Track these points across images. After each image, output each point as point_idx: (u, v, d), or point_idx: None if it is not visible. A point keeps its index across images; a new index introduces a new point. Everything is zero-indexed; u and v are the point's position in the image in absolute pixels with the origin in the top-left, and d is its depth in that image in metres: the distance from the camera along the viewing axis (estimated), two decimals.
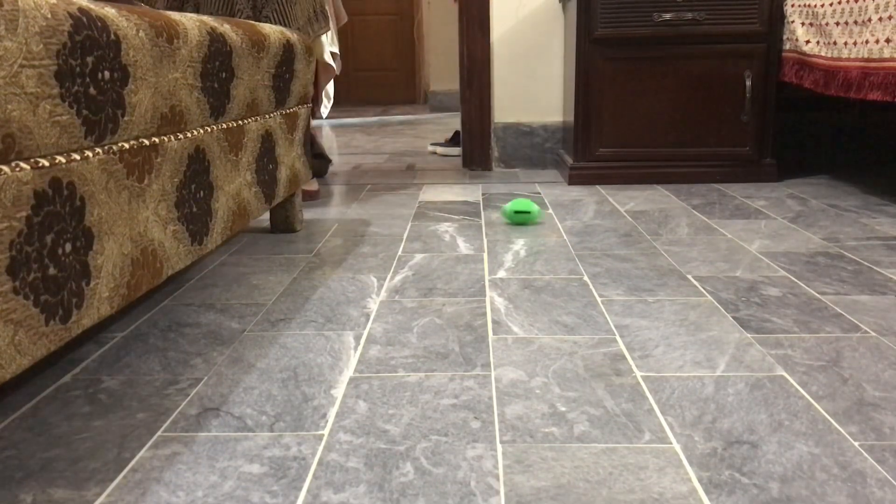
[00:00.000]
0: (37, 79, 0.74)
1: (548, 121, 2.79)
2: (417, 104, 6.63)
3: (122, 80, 0.91)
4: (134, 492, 0.73)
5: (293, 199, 1.79)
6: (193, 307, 1.27)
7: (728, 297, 1.27)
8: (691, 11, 2.28)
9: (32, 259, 0.73)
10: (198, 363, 1.04)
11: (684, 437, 0.81)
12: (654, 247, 1.60)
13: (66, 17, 0.79)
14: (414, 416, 0.87)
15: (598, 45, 2.32)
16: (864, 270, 1.40)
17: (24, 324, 0.72)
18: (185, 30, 1.09)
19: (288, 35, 1.62)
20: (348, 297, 1.31)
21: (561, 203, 2.10)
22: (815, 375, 0.96)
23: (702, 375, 0.97)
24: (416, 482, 0.74)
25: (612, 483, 0.73)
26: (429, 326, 1.16)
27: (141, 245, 0.97)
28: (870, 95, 1.84)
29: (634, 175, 2.39)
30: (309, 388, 0.95)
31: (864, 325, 1.13)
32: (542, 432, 0.83)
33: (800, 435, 0.81)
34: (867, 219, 1.82)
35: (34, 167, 0.74)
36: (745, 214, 1.90)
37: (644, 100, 2.35)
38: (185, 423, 0.87)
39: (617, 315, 1.19)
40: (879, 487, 0.71)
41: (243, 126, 1.37)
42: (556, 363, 1.01)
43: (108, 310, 0.88)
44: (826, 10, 2.04)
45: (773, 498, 0.70)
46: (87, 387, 0.97)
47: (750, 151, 2.36)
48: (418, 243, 1.67)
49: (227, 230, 1.29)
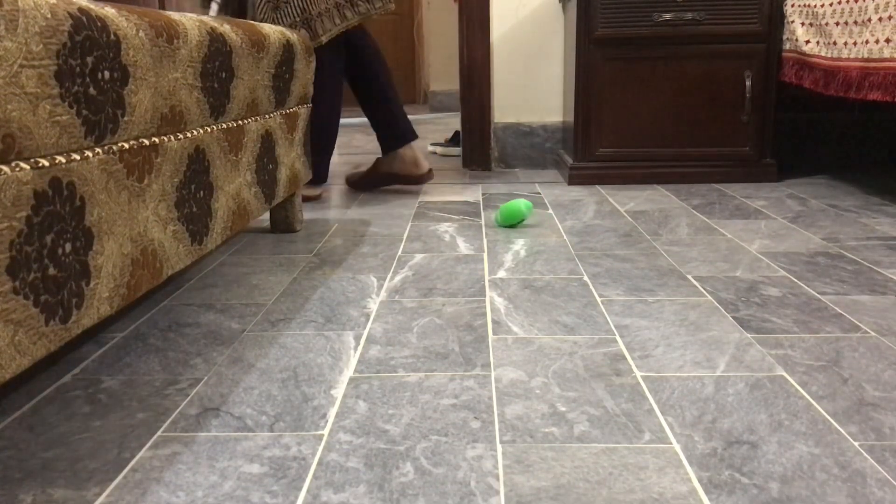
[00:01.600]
0: (37, 79, 0.74)
1: (548, 121, 2.79)
2: (417, 104, 6.63)
3: (122, 80, 0.91)
4: (134, 492, 0.73)
5: (293, 199, 1.79)
6: (193, 307, 1.27)
7: (728, 297, 1.27)
8: (691, 11, 2.28)
9: (32, 259, 0.73)
10: (198, 363, 1.04)
11: (684, 437, 0.81)
12: (654, 247, 1.60)
13: (66, 17, 0.79)
14: (414, 416, 0.87)
15: (598, 45, 2.32)
16: (864, 270, 1.40)
17: (24, 324, 0.72)
18: (185, 30, 1.09)
19: (288, 35, 1.62)
20: (348, 297, 1.31)
21: (561, 203, 2.10)
22: (815, 375, 0.96)
23: (702, 375, 0.97)
24: (416, 482, 0.74)
25: (612, 483, 0.73)
26: (429, 326, 1.16)
27: (141, 245, 0.97)
28: (870, 95, 1.84)
29: (634, 175, 2.39)
30: (309, 388, 0.95)
31: (864, 325, 1.13)
32: (542, 432, 0.83)
33: (800, 435, 0.81)
34: (867, 219, 1.82)
35: (34, 167, 0.74)
36: (745, 214, 1.90)
37: (644, 100, 2.35)
38: (185, 423, 0.87)
39: (617, 315, 1.19)
40: (879, 487, 0.71)
41: (243, 126, 1.37)
42: (556, 363, 1.01)
43: (108, 310, 0.88)
44: (826, 10, 2.04)
45: (773, 498, 0.70)
46: (87, 387, 0.97)
47: (750, 151, 2.36)
48: (418, 243, 1.67)
49: (227, 230, 1.29)
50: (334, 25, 2.00)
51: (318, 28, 2.00)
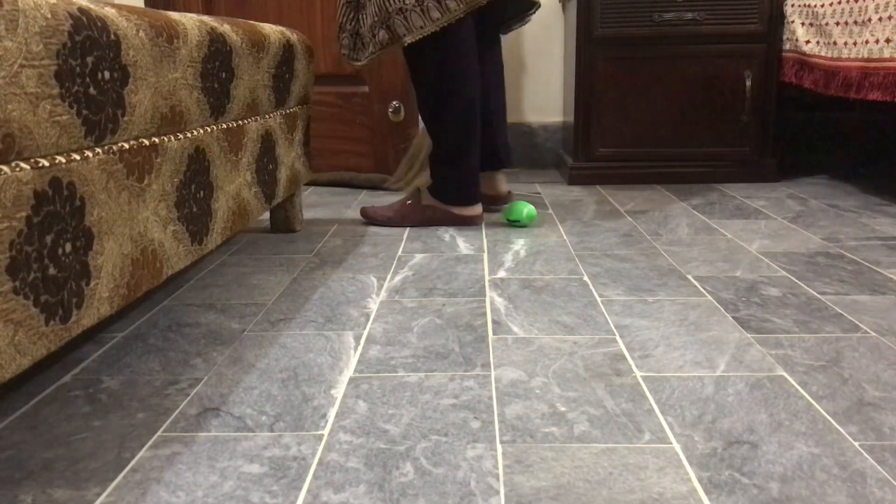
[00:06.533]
0: (37, 79, 0.74)
1: (548, 121, 2.79)
2: None
3: (122, 80, 0.91)
4: (134, 492, 0.73)
5: (293, 199, 1.79)
6: (193, 307, 1.27)
7: (728, 297, 1.27)
8: (691, 11, 2.28)
9: (32, 259, 0.73)
10: (198, 363, 1.04)
11: (684, 437, 0.81)
12: (654, 247, 1.60)
13: (66, 17, 0.79)
14: (414, 416, 0.87)
15: (598, 45, 2.32)
16: (864, 270, 1.40)
17: (24, 324, 0.72)
18: (185, 30, 1.09)
19: (288, 35, 1.62)
20: (348, 297, 1.31)
21: (561, 203, 2.10)
22: (815, 375, 0.96)
23: (702, 375, 0.97)
24: (416, 482, 0.74)
25: (612, 483, 0.73)
26: (429, 326, 1.16)
27: (141, 245, 0.97)
28: (870, 95, 1.84)
29: (634, 175, 2.39)
30: (309, 388, 0.95)
31: (864, 325, 1.13)
32: (542, 432, 0.83)
33: (800, 435, 0.81)
34: (867, 219, 1.82)
35: (34, 167, 0.74)
36: (745, 214, 1.90)
37: (644, 100, 2.35)
38: (185, 423, 0.87)
39: (617, 315, 1.19)
40: (879, 487, 0.71)
41: (243, 126, 1.37)
42: (556, 363, 1.01)
43: (108, 310, 0.88)
44: (826, 10, 2.04)
45: (773, 498, 0.70)
46: (87, 387, 0.97)
47: (750, 151, 2.36)
48: (418, 243, 1.67)
49: (227, 230, 1.29)
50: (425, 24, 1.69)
51: (400, 28, 1.70)
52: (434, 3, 1.67)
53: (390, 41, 1.71)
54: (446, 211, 1.82)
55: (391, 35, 1.71)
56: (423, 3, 1.67)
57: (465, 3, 1.68)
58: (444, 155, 1.80)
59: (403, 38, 1.70)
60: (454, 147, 1.78)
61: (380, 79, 2.35)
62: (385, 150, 2.40)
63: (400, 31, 1.70)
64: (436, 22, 1.68)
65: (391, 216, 1.85)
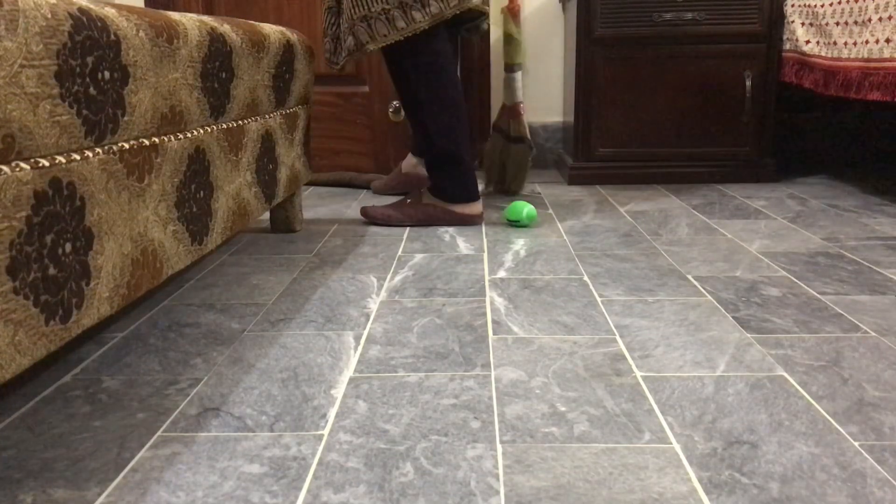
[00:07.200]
0: (37, 79, 0.74)
1: (548, 121, 2.79)
2: None
3: (122, 80, 0.91)
4: (134, 492, 0.73)
5: (293, 199, 1.79)
6: (193, 307, 1.27)
7: (728, 297, 1.27)
8: (691, 11, 2.28)
9: (32, 259, 0.73)
10: (198, 363, 1.04)
11: (684, 437, 0.81)
12: (654, 247, 1.60)
13: (66, 17, 0.79)
14: (414, 416, 0.87)
15: (598, 45, 2.32)
16: (864, 270, 1.40)
17: (24, 324, 0.72)
18: (185, 30, 1.09)
19: (288, 35, 1.62)
20: (348, 297, 1.31)
21: (561, 203, 2.10)
22: (815, 375, 0.96)
23: (702, 375, 0.97)
24: (416, 482, 0.74)
25: (612, 483, 0.73)
26: (429, 326, 1.16)
27: (141, 245, 0.97)
28: (870, 95, 1.84)
29: (634, 175, 2.39)
30: (309, 388, 0.95)
31: (864, 325, 1.13)
32: (542, 432, 0.83)
33: (800, 435, 0.81)
34: (867, 219, 1.82)
35: (34, 167, 0.74)
36: (745, 214, 1.90)
37: (644, 100, 2.35)
38: (185, 423, 0.87)
39: (617, 315, 1.19)
40: (879, 487, 0.71)
41: (243, 126, 1.37)
42: (556, 363, 1.01)
43: (108, 310, 0.88)
44: (826, 10, 2.04)
45: (773, 498, 0.70)
46: (87, 387, 0.97)
47: (750, 151, 2.36)
48: (418, 243, 1.67)
49: (227, 230, 1.29)
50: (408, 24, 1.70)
51: (373, 32, 1.71)
52: (400, 12, 1.69)
53: (356, 48, 1.75)
54: (447, 209, 1.83)
55: (356, 42, 1.74)
56: (389, 13, 1.69)
57: (431, 16, 1.71)
58: (438, 157, 1.82)
59: (366, 45, 1.73)
60: (445, 149, 1.81)
61: (380, 79, 2.35)
62: (385, 150, 2.40)
63: (363, 38, 1.73)
64: (400, 31, 1.70)
65: (392, 215, 1.86)
